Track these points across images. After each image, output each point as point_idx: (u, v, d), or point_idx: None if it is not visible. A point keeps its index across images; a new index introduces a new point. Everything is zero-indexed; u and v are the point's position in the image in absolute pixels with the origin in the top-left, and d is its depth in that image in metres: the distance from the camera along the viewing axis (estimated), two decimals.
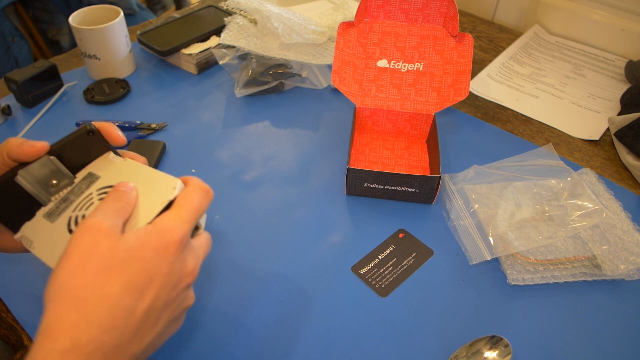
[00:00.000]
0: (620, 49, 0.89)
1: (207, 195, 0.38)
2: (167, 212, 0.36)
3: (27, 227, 0.39)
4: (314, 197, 0.62)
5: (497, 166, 0.64)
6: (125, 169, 0.40)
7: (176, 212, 0.36)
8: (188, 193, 0.37)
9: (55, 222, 0.38)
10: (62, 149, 0.39)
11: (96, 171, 0.40)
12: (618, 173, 0.67)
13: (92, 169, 0.40)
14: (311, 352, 0.47)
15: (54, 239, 0.38)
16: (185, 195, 0.37)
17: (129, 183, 0.38)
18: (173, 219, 0.35)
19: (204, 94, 0.78)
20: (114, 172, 0.40)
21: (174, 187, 0.37)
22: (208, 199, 0.38)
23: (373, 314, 0.50)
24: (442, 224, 0.59)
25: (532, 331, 0.49)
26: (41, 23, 1.39)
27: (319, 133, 0.72)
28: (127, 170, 0.40)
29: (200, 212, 0.37)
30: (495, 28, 0.98)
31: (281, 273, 0.54)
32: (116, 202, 0.35)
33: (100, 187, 0.39)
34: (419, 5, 0.65)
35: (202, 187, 0.38)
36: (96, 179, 0.39)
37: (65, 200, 0.39)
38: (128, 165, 0.40)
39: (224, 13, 0.88)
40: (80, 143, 0.40)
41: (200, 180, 0.39)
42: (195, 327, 0.49)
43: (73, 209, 0.38)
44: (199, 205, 0.37)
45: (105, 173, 0.40)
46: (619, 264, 0.53)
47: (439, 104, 0.66)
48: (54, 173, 0.39)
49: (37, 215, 0.39)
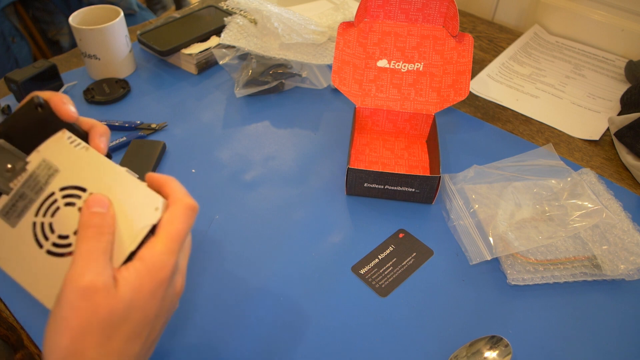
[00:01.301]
0: (620, 49, 0.89)
1: (193, 214, 0.35)
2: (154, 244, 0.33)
3: None
4: (314, 197, 0.62)
5: (497, 166, 0.64)
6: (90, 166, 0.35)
7: (163, 243, 0.33)
8: (174, 216, 0.34)
9: (16, 226, 0.35)
10: (10, 129, 0.35)
11: (52, 158, 0.35)
12: (618, 173, 0.67)
13: (47, 154, 0.35)
14: (311, 352, 0.47)
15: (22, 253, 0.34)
16: (171, 220, 0.34)
17: (104, 198, 0.34)
18: (162, 253, 0.33)
19: (204, 94, 0.78)
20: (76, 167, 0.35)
21: (156, 208, 0.33)
22: (194, 217, 0.35)
23: (373, 314, 0.50)
24: (442, 224, 0.59)
25: (532, 331, 0.49)
26: (41, 23, 1.39)
27: (319, 133, 0.72)
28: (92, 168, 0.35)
29: (186, 235, 0.35)
30: (495, 28, 0.98)
31: (281, 273, 0.54)
32: (99, 237, 0.33)
33: (63, 186, 0.35)
34: (419, 5, 0.65)
35: (187, 206, 0.35)
36: (55, 171, 0.35)
37: (23, 197, 0.35)
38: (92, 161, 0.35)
39: (224, 13, 0.88)
40: (30, 119, 0.35)
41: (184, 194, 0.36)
42: (195, 327, 0.49)
43: (35, 213, 0.34)
44: (186, 229, 0.34)
45: (64, 165, 0.35)
46: (619, 264, 0.53)
47: (439, 104, 0.66)
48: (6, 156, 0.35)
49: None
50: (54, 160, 0.35)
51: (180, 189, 0.36)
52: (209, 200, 0.61)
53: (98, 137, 0.38)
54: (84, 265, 0.32)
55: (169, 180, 0.36)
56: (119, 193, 0.34)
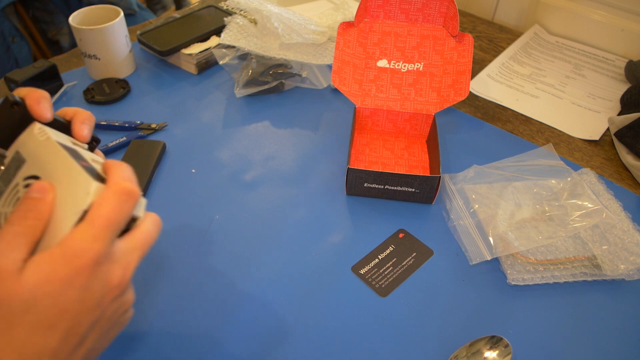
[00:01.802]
0: (620, 49, 0.89)
1: (127, 199, 0.33)
2: (76, 229, 0.31)
3: None
4: (314, 197, 0.62)
5: (497, 166, 0.64)
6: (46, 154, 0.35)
7: (87, 228, 0.31)
8: (103, 200, 0.32)
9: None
10: None
11: (22, 151, 0.36)
12: (618, 173, 0.67)
13: (20, 146, 0.36)
14: (311, 352, 0.47)
15: None
16: (99, 203, 0.32)
17: (45, 185, 0.33)
18: (83, 239, 0.31)
19: (204, 94, 0.78)
20: (37, 157, 0.35)
21: (88, 192, 0.32)
22: (130, 202, 0.33)
23: (373, 314, 0.50)
24: (442, 224, 0.59)
25: (532, 331, 0.49)
26: (41, 23, 1.39)
27: (319, 133, 0.72)
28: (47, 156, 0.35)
29: (119, 222, 0.32)
30: (495, 28, 0.98)
31: (281, 273, 0.54)
32: (21, 221, 0.31)
33: (26, 176, 0.35)
34: (419, 5, 0.65)
35: (120, 190, 0.32)
36: (22, 162, 0.35)
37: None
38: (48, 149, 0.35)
39: (224, 13, 0.88)
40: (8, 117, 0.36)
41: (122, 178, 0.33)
42: (195, 327, 0.49)
43: (2, 203, 0.35)
44: (117, 214, 0.32)
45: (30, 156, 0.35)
46: (619, 264, 0.53)
47: (439, 104, 0.66)
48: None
49: None
50: (24, 152, 0.36)
51: (120, 173, 0.34)
52: (209, 200, 0.61)
53: (79, 124, 0.37)
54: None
55: (114, 165, 0.35)
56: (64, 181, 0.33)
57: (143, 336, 0.48)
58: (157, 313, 0.50)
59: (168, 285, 0.52)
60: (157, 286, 0.52)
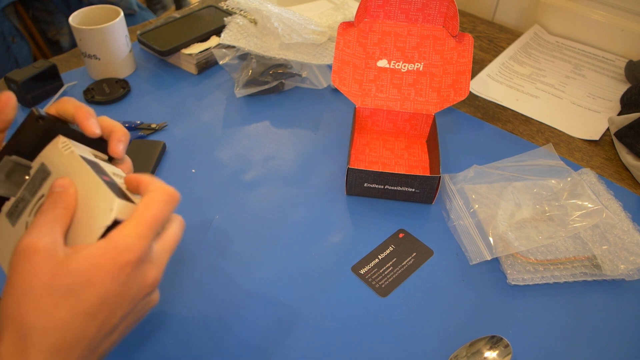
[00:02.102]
0: (620, 49, 0.89)
1: (171, 201, 0.35)
2: (124, 226, 0.33)
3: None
4: (314, 197, 0.62)
5: (497, 166, 0.64)
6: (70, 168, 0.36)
7: (134, 226, 0.32)
8: (149, 202, 0.34)
9: (15, 226, 0.37)
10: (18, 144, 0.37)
11: (48, 163, 0.37)
12: (618, 173, 0.67)
13: (44, 159, 0.37)
14: (311, 352, 0.47)
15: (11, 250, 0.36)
16: (146, 204, 0.34)
17: (65, 180, 0.34)
18: (130, 236, 0.32)
19: (204, 94, 0.78)
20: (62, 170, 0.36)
21: (111, 209, 0.33)
22: (173, 204, 0.35)
23: (373, 314, 0.50)
24: (442, 224, 0.59)
25: (532, 331, 0.49)
26: (41, 23, 1.39)
27: (319, 133, 0.72)
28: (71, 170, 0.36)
29: (162, 222, 0.34)
30: (495, 28, 0.98)
31: (281, 273, 0.54)
32: (52, 210, 0.33)
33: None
34: (419, 5, 0.65)
35: (165, 192, 0.35)
36: (47, 174, 0.37)
37: (23, 199, 0.37)
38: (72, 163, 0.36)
39: (224, 13, 0.88)
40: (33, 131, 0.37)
41: (163, 183, 0.35)
42: (195, 326, 0.49)
43: (29, 213, 0.36)
44: (162, 215, 0.34)
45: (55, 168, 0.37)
46: (619, 264, 0.53)
47: (439, 104, 0.66)
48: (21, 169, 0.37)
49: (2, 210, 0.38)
50: (49, 164, 0.37)
51: (157, 180, 0.36)
52: (209, 200, 0.61)
53: (115, 142, 0.39)
54: (29, 231, 0.32)
55: (144, 176, 0.36)
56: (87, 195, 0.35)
57: (142, 333, 0.48)
58: (157, 311, 0.50)
59: (168, 285, 0.52)
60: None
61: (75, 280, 0.30)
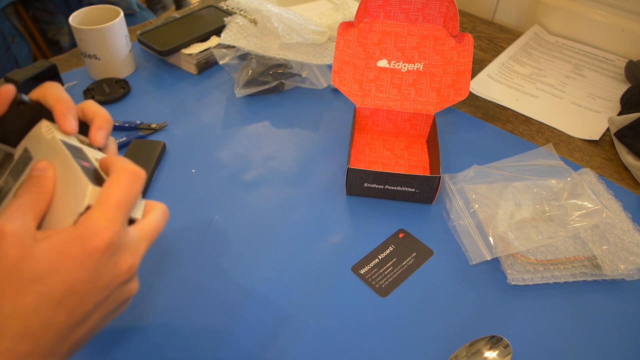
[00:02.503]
0: (620, 49, 0.89)
1: (137, 179, 0.33)
2: (91, 211, 0.31)
3: None
4: (314, 197, 0.62)
5: (497, 166, 0.64)
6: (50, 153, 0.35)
7: (100, 209, 0.31)
8: (113, 183, 0.33)
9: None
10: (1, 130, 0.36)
11: (30, 148, 0.37)
12: (618, 173, 0.67)
13: (28, 143, 0.37)
14: (311, 352, 0.47)
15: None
16: (110, 185, 0.32)
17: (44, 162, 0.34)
18: (97, 219, 0.31)
19: (204, 94, 0.78)
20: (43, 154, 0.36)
21: (84, 195, 0.32)
22: (139, 183, 0.34)
23: (373, 314, 0.50)
24: (442, 224, 0.59)
25: (532, 331, 0.49)
26: (41, 23, 1.39)
27: (319, 133, 0.72)
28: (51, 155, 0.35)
29: (131, 203, 0.33)
30: (495, 28, 0.98)
31: (281, 273, 0.54)
32: (27, 194, 0.32)
33: None
34: (419, 5, 0.65)
35: (127, 171, 0.33)
36: (30, 159, 0.36)
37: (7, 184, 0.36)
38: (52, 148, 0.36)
39: (224, 13, 0.88)
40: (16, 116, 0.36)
41: (126, 161, 0.34)
42: (194, 326, 0.49)
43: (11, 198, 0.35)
44: (128, 195, 0.33)
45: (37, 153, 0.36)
46: (619, 264, 0.53)
47: (439, 104, 0.66)
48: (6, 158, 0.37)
49: None
50: (31, 149, 0.36)
51: (122, 159, 0.35)
52: (209, 200, 0.61)
53: (96, 130, 0.38)
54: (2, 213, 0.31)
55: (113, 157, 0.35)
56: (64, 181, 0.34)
57: (143, 333, 0.48)
58: (157, 311, 0.50)
59: (168, 285, 0.52)
60: (157, 285, 0.52)
61: (41, 267, 0.30)
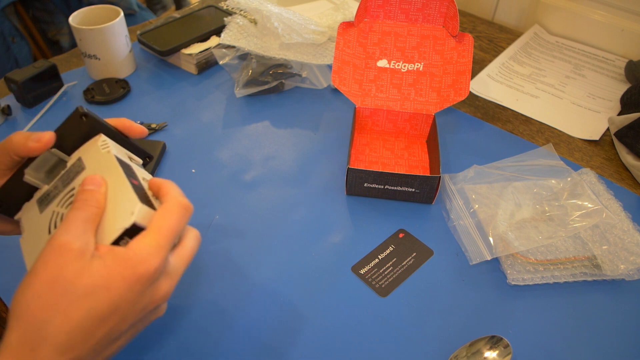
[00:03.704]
0: (620, 49, 0.89)
1: (186, 214, 0.36)
2: (143, 236, 0.33)
3: (25, 208, 0.40)
4: (314, 197, 0.62)
5: (497, 166, 0.64)
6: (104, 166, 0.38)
7: (153, 237, 0.33)
8: (166, 213, 0.35)
9: (43, 213, 0.38)
10: (60, 138, 0.39)
11: (84, 158, 0.39)
12: (618, 173, 0.67)
13: (82, 154, 0.39)
14: (311, 352, 0.47)
15: (36, 237, 0.37)
16: (163, 215, 0.34)
17: (98, 178, 0.36)
18: (149, 246, 0.33)
19: (204, 94, 0.78)
20: (96, 167, 0.38)
21: (132, 212, 0.34)
22: (187, 216, 0.36)
23: (373, 314, 0.50)
24: (442, 224, 0.59)
25: (532, 331, 0.49)
26: (41, 23, 1.39)
27: (319, 133, 0.72)
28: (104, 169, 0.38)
29: (178, 233, 0.35)
30: (495, 28, 0.98)
31: (281, 273, 0.54)
32: (84, 208, 0.34)
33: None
34: (419, 5, 0.65)
35: (181, 205, 0.35)
36: (82, 169, 0.38)
37: (55, 189, 0.38)
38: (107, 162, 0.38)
39: (224, 13, 0.88)
40: (75, 127, 0.39)
41: (178, 193, 0.36)
42: (194, 327, 0.49)
43: (57, 203, 0.37)
44: (178, 226, 0.35)
45: (90, 164, 0.38)
46: (619, 264, 0.53)
47: (439, 104, 0.66)
48: (59, 163, 0.39)
49: (34, 196, 0.40)
50: (85, 160, 0.39)
51: (175, 189, 0.37)
52: (209, 200, 0.61)
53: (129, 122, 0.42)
54: (65, 228, 0.33)
55: (166, 183, 0.37)
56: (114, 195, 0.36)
57: (141, 332, 0.48)
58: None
59: None
60: None
61: (93, 283, 0.31)
